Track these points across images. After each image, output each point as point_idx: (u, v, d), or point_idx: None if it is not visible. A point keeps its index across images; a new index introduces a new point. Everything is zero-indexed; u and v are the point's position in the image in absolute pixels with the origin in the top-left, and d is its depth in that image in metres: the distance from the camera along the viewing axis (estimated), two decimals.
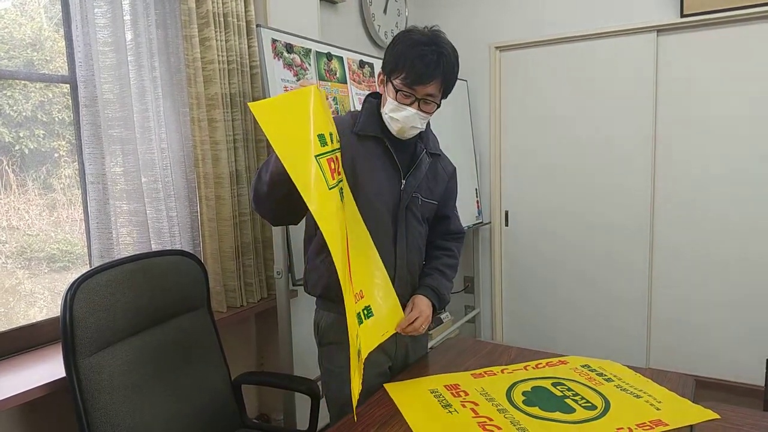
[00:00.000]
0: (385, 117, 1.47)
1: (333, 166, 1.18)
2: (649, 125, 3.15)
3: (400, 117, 1.43)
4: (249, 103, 1.09)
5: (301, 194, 1.06)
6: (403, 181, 1.51)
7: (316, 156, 1.12)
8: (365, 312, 1.41)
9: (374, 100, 1.53)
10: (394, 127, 1.46)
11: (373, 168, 1.47)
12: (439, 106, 1.47)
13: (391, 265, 1.51)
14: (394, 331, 1.49)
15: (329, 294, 1.51)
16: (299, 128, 1.12)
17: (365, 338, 1.38)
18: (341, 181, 1.28)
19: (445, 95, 1.49)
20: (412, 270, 1.59)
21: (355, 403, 1.21)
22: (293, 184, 1.08)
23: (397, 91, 1.41)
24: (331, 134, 1.21)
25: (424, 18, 3.66)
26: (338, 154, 1.27)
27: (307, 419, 1.72)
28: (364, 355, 1.36)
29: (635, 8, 3.10)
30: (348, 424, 1.28)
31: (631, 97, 3.18)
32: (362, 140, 1.48)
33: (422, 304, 1.55)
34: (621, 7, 3.14)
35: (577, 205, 3.42)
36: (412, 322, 1.50)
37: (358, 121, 1.50)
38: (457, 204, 1.75)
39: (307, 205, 1.07)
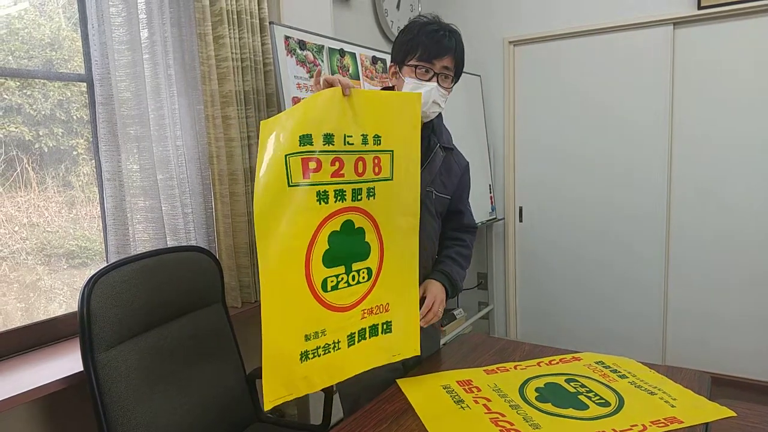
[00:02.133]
0: None
1: (312, 166, 1.18)
2: (666, 119, 3.10)
3: (423, 92, 1.45)
4: (262, 122, 1.18)
5: (254, 192, 1.14)
6: None
7: (287, 155, 1.15)
8: (384, 326, 1.39)
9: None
10: None
11: None
12: (455, 81, 1.52)
13: None
14: (408, 356, 1.46)
15: None
16: (280, 131, 1.16)
17: (370, 354, 1.36)
18: (334, 183, 1.23)
19: (457, 75, 1.53)
20: (425, 264, 1.59)
21: (268, 398, 1.18)
22: None
23: (415, 68, 1.46)
24: (329, 135, 1.20)
25: (437, 13, 3.65)
26: (343, 157, 1.23)
27: (320, 414, 1.73)
28: (358, 371, 1.33)
29: (652, 1, 3.06)
30: (361, 418, 1.29)
31: (647, 91, 3.14)
32: None
33: (435, 288, 1.56)
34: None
35: (592, 202, 3.39)
36: (430, 308, 1.51)
37: None
38: (470, 200, 1.75)
39: (253, 201, 1.14)
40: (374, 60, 2.65)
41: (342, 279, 1.28)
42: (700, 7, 2.92)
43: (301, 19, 2.33)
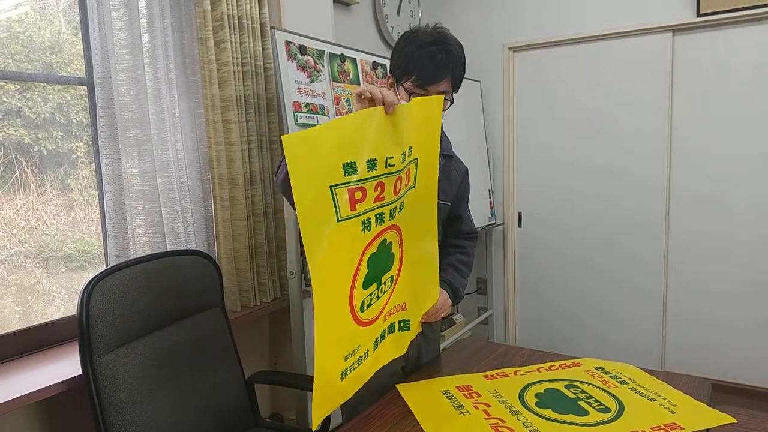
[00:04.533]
0: None
1: (359, 197, 1.11)
2: (665, 126, 3.11)
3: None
4: (283, 137, 1.02)
5: (299, 223, 1.04)
6: None
7: (333, 185, 1.06)
8: (401, 324, 1.39)
9: None
10: None
11: None
12: (452, 102, 1.47)
13: None
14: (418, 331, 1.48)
15: None
16: (323, 159, 1.05)
17: (387, 351, 1.36)
18: (376, 209, 1.19)
19: (455, 90, 1.49)
20: None
21: (317, 419, 1.17)
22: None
23: (410, 94, 1.41)
24: (373, 160, 1.13)
25: (437, 19, 3.64)
26: (384, 180, 1.18)
27: None
28: (376, 369, 1.33)
29: (651, 8, 3.07)
30: (360, 424, 1.28)
31: (646, 97, 3.15)
32: None
33: (441, 296, 1.55)
34: (636, 6, 3.11)
35: (591, 207, 3.39)
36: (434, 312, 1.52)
37: None
38: (470, 205, 1.76)
39: (301, 232, 1.04)
40: (375, 65, 2.66)
41: (375, 296, 1.26)
42: (699, 15, 2.93)
43: (301, 24, 2.33)
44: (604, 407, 1.30)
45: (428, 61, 1.38)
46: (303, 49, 2.22)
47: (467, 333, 3.48)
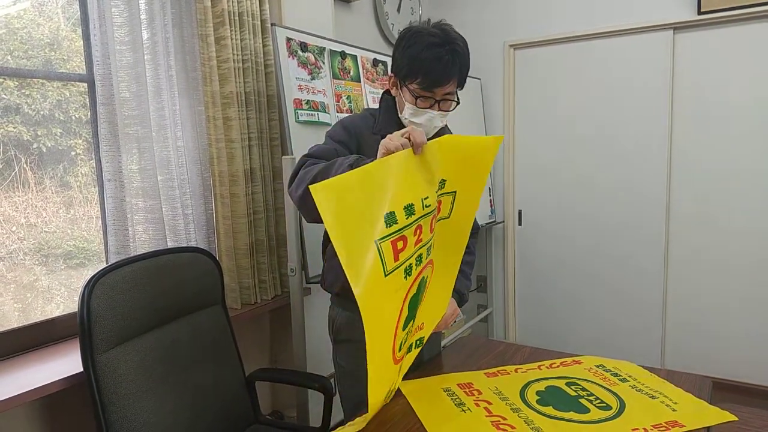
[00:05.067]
0: (405, 122, 1.45)
1: (401, 246, 1.09)
2: (665, 124, 3.11)
3: (423, 120, 1.40)
4: (310, 186, 0.97)
5: (350, 282, 1.01)
6: None
7: (377, 240, 1.04)
8: (417, 342, 1.40)
9: (390, 98, 1.53)
10: None
11: None
12: (458, 102, 1.44)
13: None
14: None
15: (346, 293, 1.51)
16: (362, 211, 1.03)
17: (404, 368, 1.38)
18: (416, 252, 1.17)
19: (461, 87, 1.47)
20: None
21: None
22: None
23: (416, 97, 1.38)
24: (410, 205, 1.11)
25: (437, 16, 3.65)
26: (422, 222, 1.16)
27: (320, 416, 1.73)
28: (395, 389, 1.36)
29: (652, 6, 3.07)
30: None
31: (647, 95, 3.15)
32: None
33: (452, 304, 1.57)
34: (637, 4, 3.11)
35: (591, 205, 3.39)
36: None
37: (377, 121, 1.50)
38: None
39: (354, 292, 1.01)
40: (375, 62, 2.65)
41: (409, 331, 1.26)
42: (700, 12, 2.92)
43: (302, 21, 2.33)
44: (605, 405, 1.30)
45: (435, 63, 1.33)
46: (304, 46, 2.22)
47: (467, 331, 3.48)
